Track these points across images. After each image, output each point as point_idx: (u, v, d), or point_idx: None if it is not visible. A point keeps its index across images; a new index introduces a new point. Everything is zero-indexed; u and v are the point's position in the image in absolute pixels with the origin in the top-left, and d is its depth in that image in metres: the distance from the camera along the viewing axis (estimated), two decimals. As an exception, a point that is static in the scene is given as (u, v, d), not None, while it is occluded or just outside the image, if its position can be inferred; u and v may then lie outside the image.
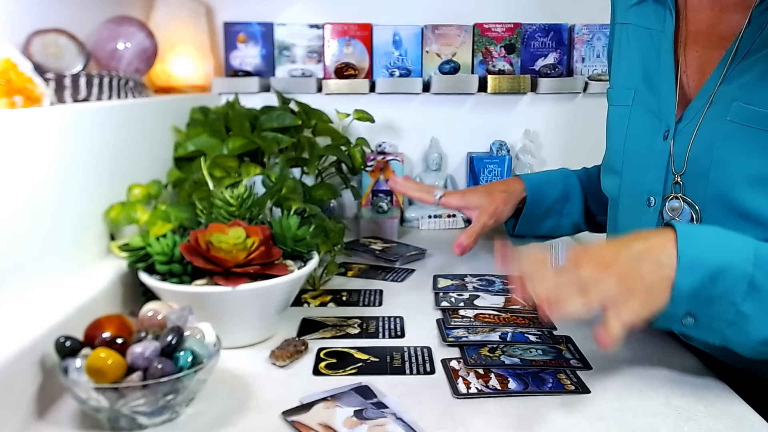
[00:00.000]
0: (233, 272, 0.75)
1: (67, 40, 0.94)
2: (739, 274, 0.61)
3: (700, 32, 0.78)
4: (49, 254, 0.73)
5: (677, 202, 0.76)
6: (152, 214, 0.87)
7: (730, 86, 0.71)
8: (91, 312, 0.69)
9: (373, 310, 0.92)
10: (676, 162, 0.76)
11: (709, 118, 0.73)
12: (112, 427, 0.61)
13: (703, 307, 0.63)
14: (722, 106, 0.71)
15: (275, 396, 0.67)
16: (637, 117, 0.83)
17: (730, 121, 0.70)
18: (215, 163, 1.03)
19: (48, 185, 0.73)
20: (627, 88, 0.85)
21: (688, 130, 0.75)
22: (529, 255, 0.67)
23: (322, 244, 0.95)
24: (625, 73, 0.88)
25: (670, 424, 0.62)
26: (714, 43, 0.76)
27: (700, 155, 0.73)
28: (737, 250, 0.62)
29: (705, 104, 0.73)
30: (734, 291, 0.61)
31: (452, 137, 1.46)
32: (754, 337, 0.63)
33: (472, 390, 0.68)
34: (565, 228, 1.11)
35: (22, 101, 0.73)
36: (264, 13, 1.43)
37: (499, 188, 1.07)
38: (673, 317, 0.64)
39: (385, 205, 1.33)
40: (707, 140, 0.72)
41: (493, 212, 1.03)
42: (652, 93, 0.81)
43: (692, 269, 0.61)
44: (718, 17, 0.76)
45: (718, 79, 0.72)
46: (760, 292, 0.61)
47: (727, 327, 0.63)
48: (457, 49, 1.42)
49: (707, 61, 0.76)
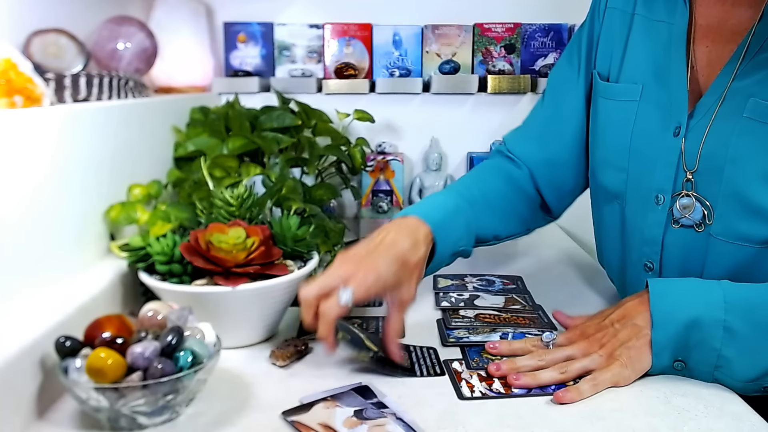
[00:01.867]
0: (233, 272, 0.75)
1: (67, 40, 0.94)
2: (711, 322, 0.66)
3: (710, 27, 0.77)
4: (50, 254, 0.73)
5: (688, 199, 0.75)
6: (152, 214, 0.87)
7: (744, 82, 0.71)
8: (91, 312, 0.69)
9: (373, 310, 0.91)
10: (687, 159, 0.75)
11: (723, 114, 0.72)
12: (112, 427, 0.61)
13: (688, 354, 0.68)
14: (737, 102, 0.71)
15: (275, 396, 0.67)
16: (645, 113, 0.81)
17: (747, 118, 0.70)
18: (215, 163, 1.02)
19: (48, 185, 0.73)
20: (634, 82, 0.82)
21: (701, 126, 0.74)
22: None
23: (322, 244, 0.95)
24: (631, 67, 0.84)
25: (670, 424, 0.62)
26: (725, 38, 0.75)
27: (714, 152, 0.73)
28: (707, 299, 0.67)
29: (717, 100, 0.73)
30: (712, 337, 0.66)
31: (452, 137, 1.45)
32: (741, 377, 0.67)
33: (476, 393, 0.68)
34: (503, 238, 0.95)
35: (22, 101, 0.73)
36: (264, 13, 1.42)
37: (412, 258, 0.76)
38: (664, 366, 0.70)
39: (385, 205, 1.33)
40: (722, 137, 0.72)
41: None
42: (662, 88, 0.79)
43: (665, 324, 0.68)
44: (729, 12, 0.75)
45: (730, 74, 0.72)
46: (736, 335, 0.65)
47: (714, 370, 0.68)
48: (457, 49, 1.42)
49: (717, 57, 0.75)
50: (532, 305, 0.92)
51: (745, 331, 0.65)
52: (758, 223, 0.70)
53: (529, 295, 0.96)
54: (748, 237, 0.71)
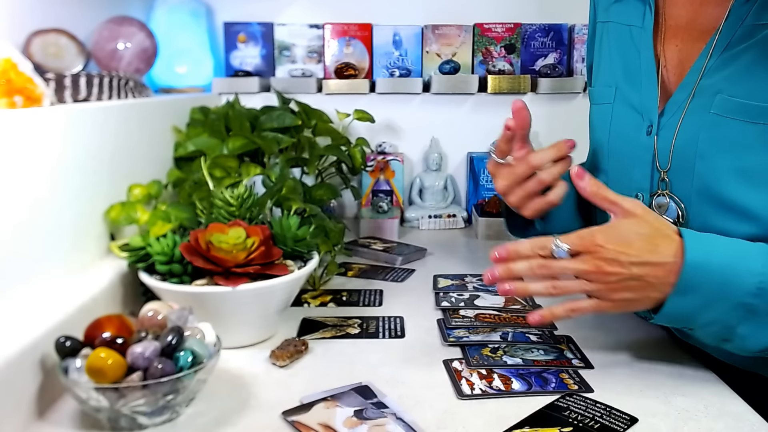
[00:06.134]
0: (233, 272, 0.75)
1: (67, 40, 0.94)
2: (735, 305, 0.63)
3: (680, 26, 0.78)
4: (49, 254, 0.73)
5: (663, 198, 0.76)
6: (152, 214, 0.87)
7: (712, 79, 0.71)
8: (91, 312, 0.69)
9: (373, 310, 0.92)
10: (660, 158, 0.76)
11: (692, 111, 0.73)
12: (112, 427, 0.61)
13: (695, 325, 0.67)
14: (705, 98, 0.71)
15: (275, 396, 0.67)
16: (620, 114, 0.82)
17: (714, 114, 0.70)
18: (215, 163, 1.02)
19: (48, 185, 0.73)
20: (608, 85, 0.85)
21: (671, 124, 0.75)
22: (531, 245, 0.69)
23: (322, 244, 0.95)
24: (605, 71, 0.87)
25: (670, 424, 0.62)
26: (694, 37, 0.76)
27: (685, 149, 0.73)
28: (740, 284, 0.63)
29: (687, 97, 0.73)
30: (730, 318, 0.64)
31: (452, 137, 1.46)
32: (750, 349, 0.66)
33: (476, 391, 0.68)
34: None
35: (22, 101, 0.73)
36: (264, 13, 1.42)
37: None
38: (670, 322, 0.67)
39: (385, 205, 1.33)
40: (691, 133, 0.72)
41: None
42: (633, 89, 0.81)
43: (684, 300, 0.64)
44: (698, 11, 0.76)
45: (699, 72, 0.72)
46: (756, 314, 0.63)
47: (722, 342, 0.67)
48: (457, 49, 1.42)
49: (687, 55, 0.76)
50: (532, 305, 0.92)
51: (767, 311, 0.63)
52: (733, 220, 0.69)
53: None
54: (725, 234, 0.69)
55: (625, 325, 0.85)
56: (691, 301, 0.64)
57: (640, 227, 0.65)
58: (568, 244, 0.66)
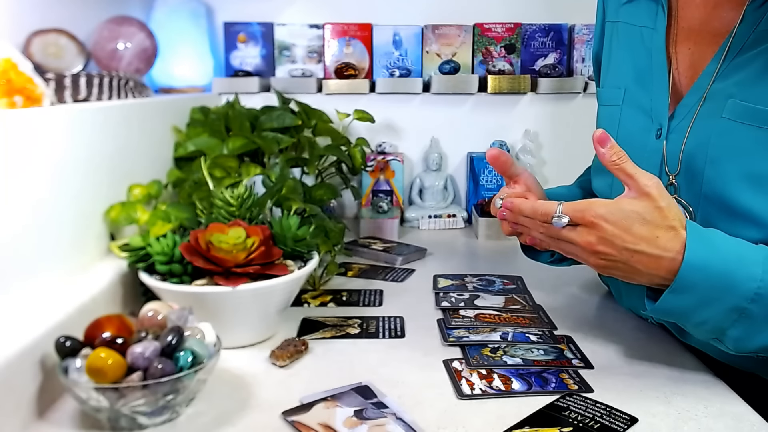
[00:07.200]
0: (233, 272, 0.75)
1: (67, 40, 0.94)
2: (731, 308, 0.63)
3: (692, 29, 0.77)
4: (49, 254, 0.73)
5: None
6: (152, 214, 0.87)
7: (724, 83, 0.71)
8: (91, 312, 0.69)
9: (373, 310, 0.92)
10: (669, 162, 0.75)
11: (703, 115, 0.72)
12: (112, 427, 0.61)
13: (687, 323, 0.67)
14: (717, 103, 0.71)
15: (275, 396, 0.67)
16: (628, 116, 0.82)
17: (726, 119, 0.70)
18: (215, 163, 1.02)
19: (48, 185, 0.73)
20: (617, 87, 0.84)
21: (681, 128, 0.74)
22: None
23: (322, 244, 0.95)
24: (614, 72, 0.86)
25: (670, 424, 0.62)
26: (707, 40, 0.75)
27: (695, 153, 0.72)
28: (738, 289, 0.62)
29: (698, 101, 0.73)
30: (723, 320, 0.64)
31: (452, 137, 1.46)
32: (737, 349, 0.66)
33: (476, 391, 0.68)
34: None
35: (22, 101, 0.73)
36: (264, 13, 1.43)
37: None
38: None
39: (385, 205, 1.34)
40: (702, 138, 0.72)
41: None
42: (643, 91, 0.80)
43: (680, 296, 0.64)
44: (711, 14, 0.75)
45: (711, 75, 0.72)
46: (750, 318, 0.63)
47: (712, 339, 0.67)
48: (457, 49, 1.42)
49: (699, 58, 0.76)
50: (532, 305, 0.92)
51: (761, 316, 0.62)
52: (741, 225, 0.68)
53: (529, 295, 0.96)
54: None
55: (625, 325, 0.86)
56: (687, 300, 0.64)
57: (646, 211, 0.64)
58: (568, 216, 0.66)
